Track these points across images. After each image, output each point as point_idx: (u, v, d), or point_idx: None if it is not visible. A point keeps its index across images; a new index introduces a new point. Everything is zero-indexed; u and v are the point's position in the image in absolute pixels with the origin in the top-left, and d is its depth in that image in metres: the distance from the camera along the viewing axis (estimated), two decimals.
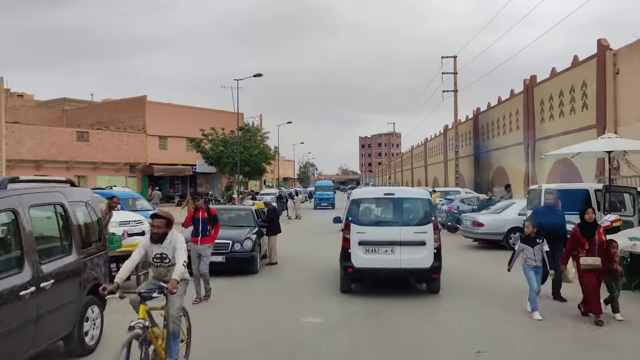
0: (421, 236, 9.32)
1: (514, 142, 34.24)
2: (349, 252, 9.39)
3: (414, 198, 9.98)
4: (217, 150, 41.03)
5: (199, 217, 9.73)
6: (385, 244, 9.30)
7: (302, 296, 10.17)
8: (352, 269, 9.38)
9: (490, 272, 12.56)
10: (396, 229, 9.35)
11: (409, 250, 9.24)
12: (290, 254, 16.20)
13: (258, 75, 38.10)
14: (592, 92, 24.12)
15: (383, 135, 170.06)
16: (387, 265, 9.30)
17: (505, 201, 17.79)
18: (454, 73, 42.36)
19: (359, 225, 9.51)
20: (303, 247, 18.72)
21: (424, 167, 68.58)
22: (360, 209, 9.84)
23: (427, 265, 9.30)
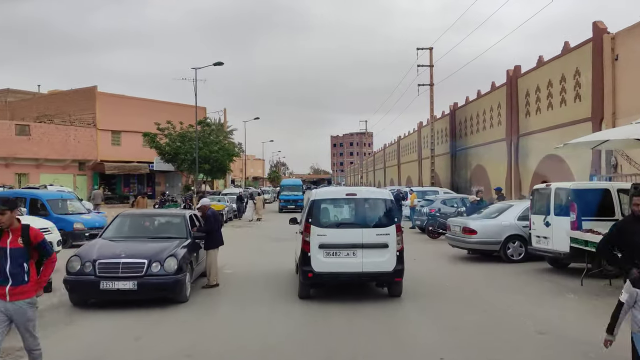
0: (384, 238, 8.98)
1: (495, 139, 31.78)
2: (309, 256, 8.93)
3: (376, 199, 9.53)
4: (173, 146, 37.49)
5: (5, 246, 5.14)
6: (346, 246, 8.91)
7: (247, 327, 7.94)
8: (312, 274, 8.93)
9: (486, 290, 9.77)
10: (358, 231, 8.99)
11: (371, 253, 8.91)
12: (241, 268, 13.18)
13: (218, 63, 34.74)
14: (587, 81, 21.66)
15: (355, 134, 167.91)
16: (349, 269, 8.94)
17: (500, 203, 14.99)
18: (430, 66, 39.86)
19: (320, 227, 9.04)
20: (258, 256, 15.72)
21: (397, 166, 66.12)
22: (321, 210, 9.33)
23: (390, 269, 8.95)
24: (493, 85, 32.65)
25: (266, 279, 11.65)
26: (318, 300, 9.33)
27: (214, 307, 9.16)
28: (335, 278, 9.14)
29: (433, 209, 20.45)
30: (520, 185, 28.13)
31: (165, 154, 37.90)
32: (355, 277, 9.12)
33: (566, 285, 10.46)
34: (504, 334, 7.43)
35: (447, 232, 14.76)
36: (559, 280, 11.03)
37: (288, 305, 9.13)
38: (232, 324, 8.13)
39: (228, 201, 30.03)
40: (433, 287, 10.75)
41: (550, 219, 11.30)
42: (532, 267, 12.49)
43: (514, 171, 28.87)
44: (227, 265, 13.33)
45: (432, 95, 40.10)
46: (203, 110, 54.12)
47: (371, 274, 9.04)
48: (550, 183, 11.76)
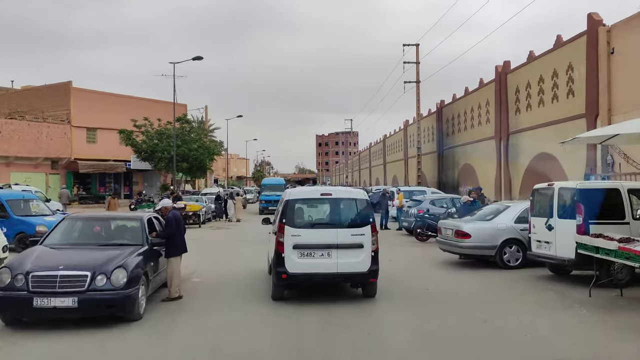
0: (359, 238, 8.88)
1: (483, 137, 30.83)
2: (283, 257, 8.79)
3: (351, 199, 9.40)
4: (150, 143, 35.98)
5: None
6: (321, 247, 8.80)
7: (212, 337, 7.35)
8: (286, 275, 8.79)
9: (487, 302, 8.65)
10: (333, 232, 8.89)
11: (346, 253, 8.82)
12: (211, 275, 11.95)
13: (197, 58, 33.39)
14: (581, 76, 20.72)
15: (340, 133, 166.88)
16: (323, 269, 8.82)
17: (496, 204, 13.87)
18: (416, 63, 38.86)
19: (294, 227, 8.89)
20: (232, 260, 14.53)
21: (382, 165, 65.12)
22: (295, 211, 9.15)
23: (365, 269, 8.86)
24: (481, 82, 31.70)
25: (238, 284, 10.77)
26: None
27: (172, 324, 7.89)
28: (309, 279, 8.98)
29: (421, 210, 19.33)
30: (510, 184, 27.19)
31: (142, 152, 36.37)
32: (330, 278, 9.01)
33: (571, 296, 9.36)
34: (505, 346, 6.57)
35: (437, 235, 13.60)
36: (563, 289, 9.94)
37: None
38: (193, 340, 7.01)
39: (206, 201, 28.62)
40: (419, 292, 9.66)
41: (553, 222, 10.20)
42: (531, 274, 11.39)
43: (503, 170, 27.93)
44: (196, 272, 12.06)
45: (418, 93, 39.08)
46: (183, 108, 52.61)
47: (346, 275, 8.93)
48: (553, 182, 10.66)
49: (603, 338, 6.98)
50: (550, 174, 22.49)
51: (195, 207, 25.20)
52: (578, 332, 7.25)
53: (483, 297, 9.54)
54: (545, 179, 23.14)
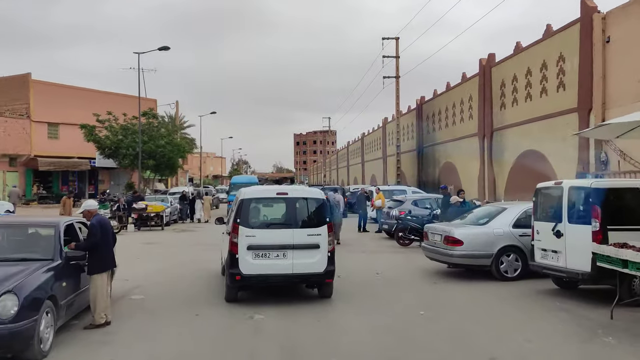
0: (315, 239, 8.73)
1: (466, 134, 29.41)
2: (237, 258, 8.57)
3: (308, 198, 9.27)
4: (114, 139, 33.70)
5: None
6: (276, 247, 8.62)
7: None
8: (240, 276, 8.58)
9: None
10: (289, 232, 8.74)
11: (302, 254, 8.66)
12: (156, 289, 10.14)
13: (164, 48, 31.28)
14: (573, 67, 19.33)
15: (319, 132, 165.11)
16: (279, 270, 8.65)
17: (490, 206, 12.21)
18: (396, 57, 37.33)
19: (248, 227, 8.69)
20: (186, 266, 12.79)
21: (360, 164, 63.59)
22: (250, 210, 8.95)
23: (321, 270, 8.72)
24: (464, 76, 30.28)
25: (188, 295, 9.68)
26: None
27: None
28: (264, 280, 8.78)
29: (403, 211, 17.69)
30: (494, 183, 25.78)
31: (105, 148, 34.04)
32: (286, 279, 8.85)
33: (589, 317, 7.77)
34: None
35: (423, 241, 11.92)
36: (575, 308, 8.35)
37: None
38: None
39: (172, 201, 26.57)
40: (407, 311, 7.95)
41: (562, 228, 8.59)
42: (532, 288, 9.80)
43: (487, 168, 26.52)
44: (139, 287, 10.18)
45: (397, 89, 37.58)
46: (153, 102, 50.17)
47: (302, 276, 8.78)
48: (562, 180, 9.05)
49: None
50: (538, 173, 21.07)
51: (157, 208, 23.16)
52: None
53: (485, 321, 7.82)
54: (532, 178, 21.72)
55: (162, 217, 23.52)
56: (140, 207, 22.90)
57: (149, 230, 23.37)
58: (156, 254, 15.40)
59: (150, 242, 18.82)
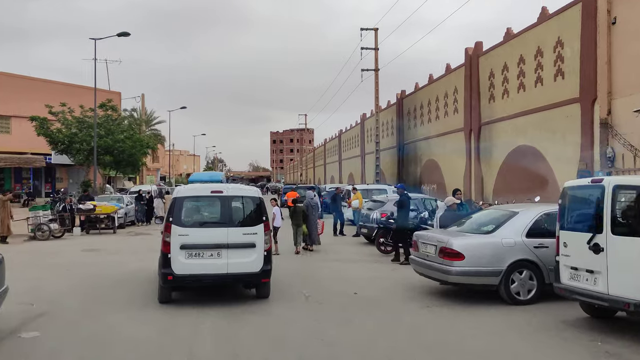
0: (251, 238, 8.51)
1: (450, 129, 27.40)
2: (169, 257, 8.29)
3: (244, 196, 9.10)
4: (67, 132, 30.76)
5: None
6: (210, 247, 8.40)
7: None
8: (172, 277, 8.27)
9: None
10: (223, 231, 8.49)
11: (237, 253, 8.43)
12: (67, 314, 7.67)
13: (123, 34, 28.51)
14: (574, 52, 17.37)
15: (295, 130, 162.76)
16: (213, 270, 8.38)
17: (495, 210, 9.92)
18: (375, 49, 35.24)
19: (182, 227, 8.43)
20: (118, 281, 10.19)
21: (337, 162, 61.44)
22: (184, 209, 8.70)
23: (257, 270, 8.48)
24: (448, 67, 28.27)
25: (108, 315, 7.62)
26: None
27: None
28: (197, 280, 8.54)
29: (385, 214, 15.44)
30: (482, 182, 23.77)
31: (58, 142, 31.05)
32: (220, 279, 8.59)
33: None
34: None
35: (412, 252, 9.63)
36: (623, 350, 6.14)
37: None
38: None
39: (129, 201, 23.88)
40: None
41: (602, 240, 6.41)
42: (555, 315, 7.61)
43: (474, 166, 24.52)
44: (43, 317, 7.71)
45: (377, 82, 35.43)
46: (117, 96, 47.20)
47: (237, 275, 8.58)
48: (601, 177, 6.84)
49: None
50: (532, 171, 19.12)
51: (107, 209, 20.49)
52: None
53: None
54: (526, 177, 19.79)
55: (113, 219, 20.86)
56: (88, 207, 20.22)
57: (99, 233, 20.71)
58: (90, 265, 12.85)
59: (92, 248, 16.21)
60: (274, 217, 14.83)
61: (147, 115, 72.00)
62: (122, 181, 63.44)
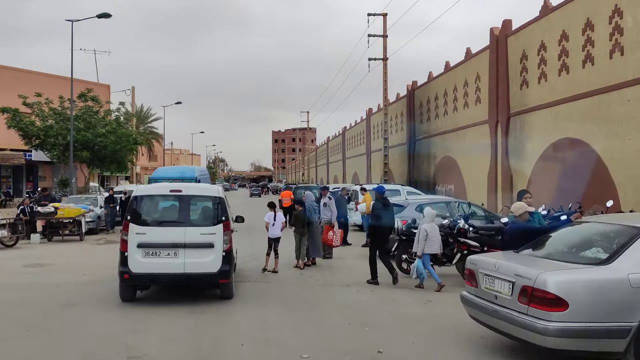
0: (209, 238, 8.46)
1: (471, 122, 24.11)
2: (126, 256, 8.35)
3: (203, 195, 9.12)
4: (42, 125, 27.56)
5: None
6: (167, 246, 8.38)
7: None
8: (128, 275, 8.31)
9: None
10: (181, 230, 8.47)
11: (194, 253, 8.38)
12: None
13: (104, 15, 25.39)
14: (637, 22, 14.07)
15: (298, 130, 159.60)
16: (169, 270, 8.37)
17: (596, 223, 6.53)
18: (383, 36, 32.04)
19: (139, 225, 8.50)
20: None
21: (341, 161, 58.14)
22: (142, 207, 8.79)
23: (215, 270, 8.40)
24: (468, 52, 24.97)
25: None
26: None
27: None
28: (153, 279, 8.55)
29: (405, 221, 12.22)
30: (511, 183, 20.47)
31: (32, 137, 27.85)
32: (177, 279, 8.51)
33: None
34: None
35: (468, 287, 6.32)
36: None
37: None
38: None
39: (101, 205, 20.63)
40: None
41: None
42: None
43: (501, 164, 21.22)
44: None
45: (385, 72, 32.24)
46: (106, 89, 44.11)
47: (194, 275, 8.42)
48: None
49: None
50: (579, 168, 15.87)
51: (71, 212, 17.27)
52: None
53: None
54: (572, 175, 16.53)
55: (80, 224, 17.65)
56: (47, 211, 17.02)
57: (62, 241, 17.53)
58: (18, 289, 9.63)
59: (38, 262, 13.05)
60: (267, 225, 11.73)
61: (144, 112, 68.97)
62: (117, 180, 60.38)
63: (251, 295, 9.21)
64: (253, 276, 11.05)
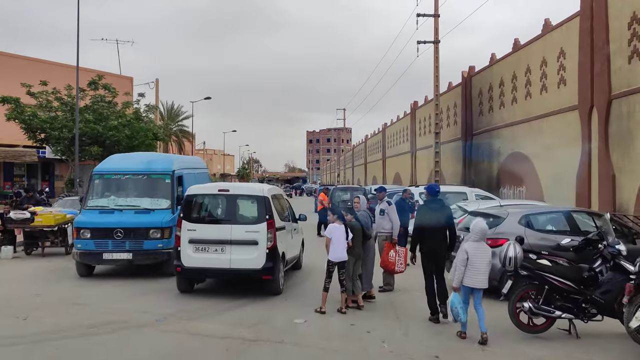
0: (253, 235, 8.98)
1: (553, 109, 19.52)
2: (179, 250, 9.14)
3: (249, 195, 9.64)
4: (45, 117, 24.32)
5: None
6: (215, 242, 9.02)
7: None
8: (180, 268, 9.12)
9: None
10: (227, 227, 9.06)
11: (239, 249, 8.93)
12: None
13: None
14: None
15: (332, 129, 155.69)
16: (217, 265, 8.99)
17: None
18: (435, 15, 27.62)
19: (190, 222, 9.18)
20: None
21: (381, 160, 53.75)
22: (193, 205, 9.45)
23: (259, 266, 8.92)
24: (547, 24, 20.34)
25: None
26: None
27: None
28: (202, 273, 9.24)
29: (503, 240, 7.97)
30: (613, 183, 15.87)
31: (37, 130, 24.63)
32: (223, 274, 9.15)
33: None
34: None
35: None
36: None
37: None
38: None
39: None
40: None
41: None
42: None
43: (599, 160, 16.59)
44: None
45: (437, 57, 27.85)
46: (128, 82, 41.02)
47: (239, 271, 8.97)
48: None
49: None
50: None
51: (50, 219, 13.56)
52: None
53: None
54: None
55: (65, 234, 13.99)
56: (21, 217, 13.40)
57: (42, 255, 13.91)
58: None
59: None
60: (328, 243, 8.13)
61: (175, 110, 66.34)
62: None
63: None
64: (277, 324, 7.16)
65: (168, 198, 11.34)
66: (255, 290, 9.30)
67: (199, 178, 13.25)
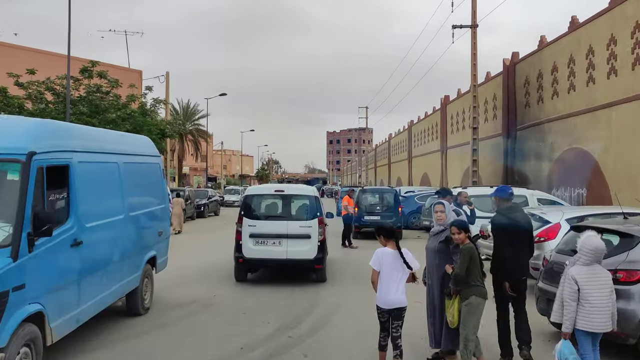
0: (306, 230, 10.30)
1: (624, 96, 16.15)
2: (240, 244, 10.31)
3: (302, 195, 10.99)
4: (34, 109, 21.74)
5: None
6: (273, 236, 10.27)
7: None
8: (242, 259, 10.35)
9: None
10: (283, 223, 10.33)
11: (294, 242, 10.23)
12: None
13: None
14: None
15: (353, 130, 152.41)
16: (274, 256, 10.27)
17: None
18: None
19: (250, 219, 10.43)
20: None
21: (406, 160, 50.40)
22: (253, 204, 10.77)
23: (311, 257, 10.30)
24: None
25: None
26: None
27: None
28: (262, 263, 10.65)
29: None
30: None
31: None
32: (280, 263, 10.48)
33: None
34: None
35: None
36: None
37: None
38: None
39: None
40: None
41: None
42: None
43: None
44: None
45: (474, 43, 24.62)
46: (137, 75, 38.49)
47: (294, 261, 10.34)
48: None
49: None
50: None
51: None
52: None
53: None
54: None
55: None
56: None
57: None
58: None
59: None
60: (375, 278, 5.80)
61: (192, 108, 64.00)
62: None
63: None
64: None
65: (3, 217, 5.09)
66: None
67: (134, 172, 7.85)
